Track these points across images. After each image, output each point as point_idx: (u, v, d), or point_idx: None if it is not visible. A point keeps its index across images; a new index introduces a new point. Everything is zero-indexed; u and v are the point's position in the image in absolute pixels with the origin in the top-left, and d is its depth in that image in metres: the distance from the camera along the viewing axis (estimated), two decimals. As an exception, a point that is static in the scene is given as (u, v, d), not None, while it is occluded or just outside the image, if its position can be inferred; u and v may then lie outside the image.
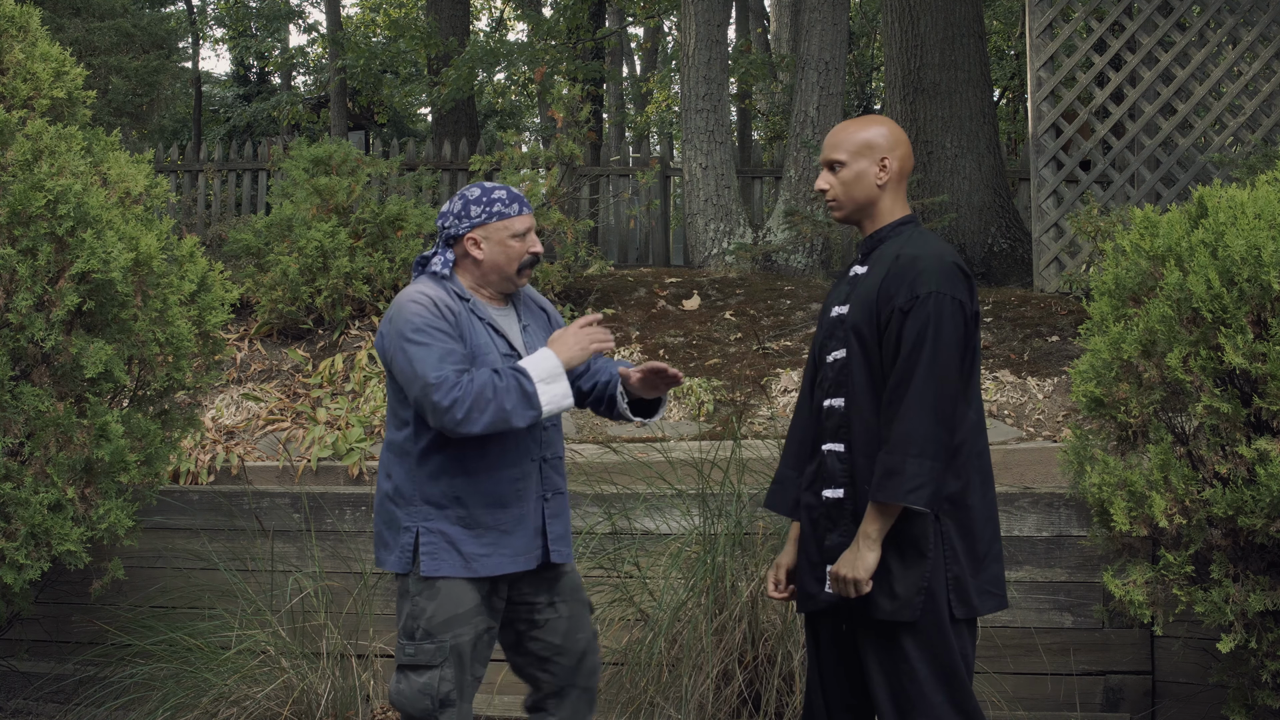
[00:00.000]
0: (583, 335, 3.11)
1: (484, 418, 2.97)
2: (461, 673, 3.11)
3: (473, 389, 2.97)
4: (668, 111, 19.48)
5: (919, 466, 2.75)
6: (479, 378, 2.99)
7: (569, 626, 3.26)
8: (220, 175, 11.45)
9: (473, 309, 3.18)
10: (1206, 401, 3.41)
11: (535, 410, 3.02)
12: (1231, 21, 7.31)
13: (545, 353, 3.08)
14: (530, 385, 3.01)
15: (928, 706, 2.81)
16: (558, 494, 3.25)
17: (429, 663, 3.08)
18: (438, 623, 3.09)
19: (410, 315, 3.08)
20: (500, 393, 2.98)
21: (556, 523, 3.24)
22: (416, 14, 18.92)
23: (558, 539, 3.23)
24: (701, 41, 8.46)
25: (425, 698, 3.07)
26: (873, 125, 3.02)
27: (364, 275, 6.75)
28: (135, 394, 4.59)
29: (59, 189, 4.00)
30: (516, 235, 3.18)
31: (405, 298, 3.13)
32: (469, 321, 3.14)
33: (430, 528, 3.11)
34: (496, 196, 3.18)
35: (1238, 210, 3.54)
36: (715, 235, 8.35)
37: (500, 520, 3.12)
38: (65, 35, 9.74)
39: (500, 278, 3.21)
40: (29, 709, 4.86)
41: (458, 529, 3.10)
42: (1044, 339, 6.34)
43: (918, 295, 2.83)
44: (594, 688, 3.31)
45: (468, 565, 3.09)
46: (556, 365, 3.05)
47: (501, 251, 3.18)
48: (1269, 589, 3.40)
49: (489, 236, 3.18)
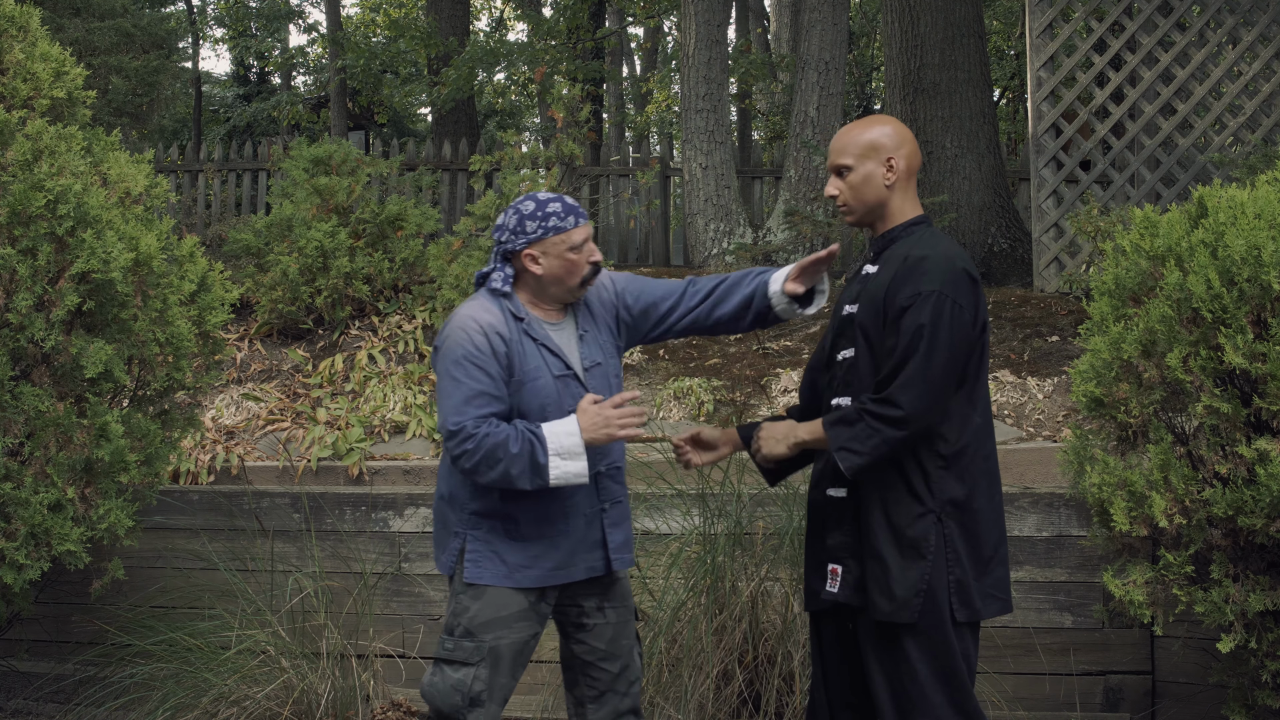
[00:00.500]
0: (612, 418, 3.02)
1: (491, 474, 2.98)
2: (496, 675, 3.11)
3: (485, 445, 2.96)
4: (668, 111, 19.48)
5: (868, 433, 2.79)
6: (496, 435, 2.96)
7: (615, 633, 3.25)
8: (220, 175, 11.45)
9: (527, 329, 3.12)
10: (1206, 401, 3.41)
11: (544, 481, 2.99)
12: (1231, 21, 7.31)
13: (572, 425, 3.01)
14: (543, 457, 2.97)
15: (928, 707, 2.81)
16: (616, 503, 3.22)
17: (465, 660, 3.09)
18: (479, 623, 3.09)
19: (454, 345, 3.05)
20: (510, 458, 2.96)
21: (617, 532, 3.21)
22: (416, 14, 18.92)
23: (619, 548, 3.21)
24: (701, 41, 8.45)
25: (457, 694, 3.08)
26: (876, 125, 3.01)
27: (364, 275, 6.75)
28: (135, 394, 4.59)
29: (59, 189, 4.00)
30: (574, 248, 3.11)
31: (456, 321, 3.09)
32: (520, 346, 3.09)
33: (477, 536, 3.11)
34: (552, 210, 3.11)
35: (1238, 210, 3.54)
36: (715, 235, 8.35)
37: (546, 533, 3.11)
38: (65, 35, 9.74)
39: (562, 290, 3.16)
40: (29, 709, 4.86)
41: (503, 540, 3.10)
42: (1044, 339, 6.34)
43: (919, 292, 2.83)
44: (636, 694, 3.30)
45: (510, 575, 3.10)
46: (578, 443, 2.99)
47: (562, 266, 3.11)
48: (1269, 589, 3.40)
49: (547, 252, 3.11)
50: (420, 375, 6.28)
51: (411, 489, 5.17)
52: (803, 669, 4.08)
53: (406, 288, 7.01)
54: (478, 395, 3.00)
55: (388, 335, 6.63)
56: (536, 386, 3.08)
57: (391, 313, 6.80)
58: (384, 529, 5.00)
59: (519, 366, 3.07)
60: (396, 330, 6.65)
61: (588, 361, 3.18)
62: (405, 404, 6.04)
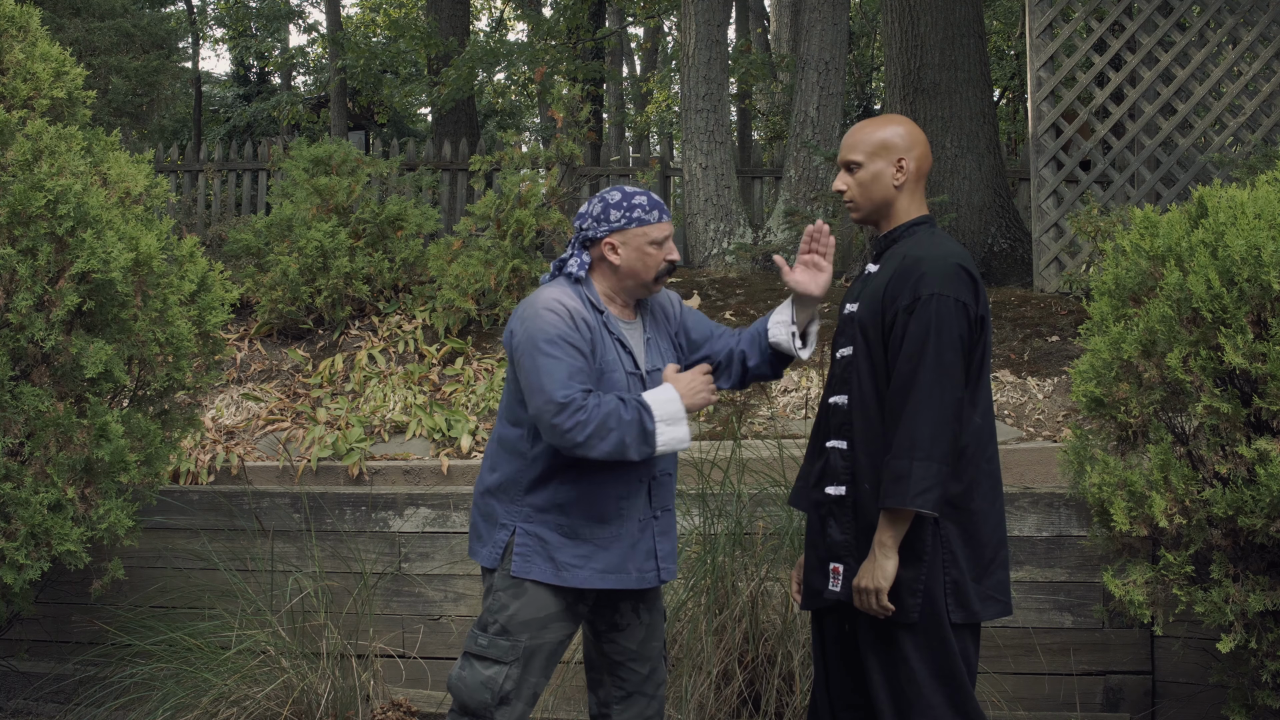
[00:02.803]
0: (705, 383, 3.06)
1: (604, 445, 2.94)
2: (527, 674, 3.08)
3: (598, 414, 2.93)
4: (668, 111, 19.49)
5: (925, 470, 2.74)
6: (605, 404, 2.95)
7: (647, 635, 3.23)
8: (220, 175, 11.45)
9: (606, 322, 3.13)
10: (1206, 401, 3.41)
11: (651, 449, 2.97)
12: (1231, 21, 7.31)
13: (670, 393, 3.01)
14: (651, 424, 2.96)
15: (926, 708, 2.81)
16: (666, 511, 3.21)
17: (499, 658, 3.06)
18: (518, 622, 3.06)
19: (545, 324, 3.02)
20: (624, 425, 2.94)
21: (665, 540, 3.20)
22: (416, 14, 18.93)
23: (667, 556, 3.19)
24: (701, 41, 8.45)
25: (486, 691, 3.05)
26: (889, 125, 3.01)
27: (364, 275, 6.75)
28: (135, 394, 4.59)
29: (59, 189, 4.00)
30: (655, 243, 3.12)
31: (541, 303, 3.06)
32: (601, 336, 3.10)
33: (528, 529, 3.08)
34: (637, 202, 3.13)
35: (1238, 210, 3.54)
36: (715, 235, 8.35)
37: (598, 535, 3.08)
38: (65, 35, 9.74)
39: (636, 284, 3.16)
40: (29, 709, 4.86)
41: (555, 535, 3.07)
42: (1044, 339, 6.34)
43: (919, 297, 2.82)
44: (662, 698, 3.28)
45: (558, 573, 3.06)
46: (680, 409, 3.00)
47: (639, 258, 3.13)
48: (1269, 589, 3.40)
49: (627, 242, 3.12)
50: (420, 375, 6.28)
51: (411, 489, 5.17)
52: (803, 669, 4.08)
53: (406, 288, 7.01)
54: (578, 371, 2.98)
55: (388, 335, 6.64)
56: (612, 379, 3.08)
57: (391, 313, 6.80)
58: (384, 529, 5.00)
59: (599, 355, 3.08)
60: (396, 330, 6.65)
61: (649, 366, 3.19)
62: (405, 404, 6.04)
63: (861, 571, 2.83)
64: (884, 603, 2.80)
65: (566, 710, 4.49)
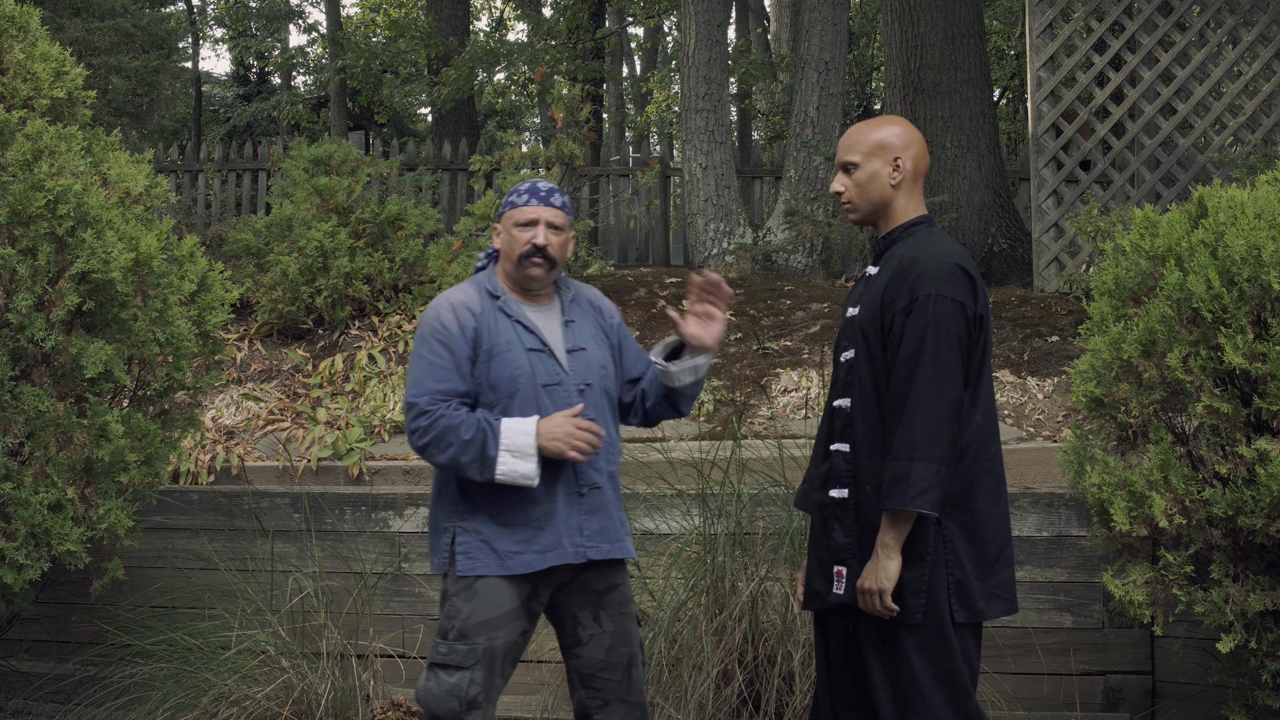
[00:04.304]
0: (572, 433, 3.04)
1: (442, 456, 3.04)
2: (491, 676, 3.10)
3: (439, 425, 3.03)
4: (668, 111, 19.49)
5: (924, 470, 2.74)
6: (454, 418, 3.03)
7: (612, 642, 3.23)
8: (220, 175, 11.45)
9: (502, 306, 3.19)
10: (1206, 401, 3.41)
11: (490, 474, 3.02)
12: (1231, 21, 7.31)
13: (529, 426, 3.04)
14: (494, 450, 3.01)
15: (927, 708, 2.81)
16: (593, 489, 3.18)
17: (460, 664, 3.07)
18: (473, 624, 3.08)
19: (424, 323, 3.17)
20: (461, 444, 3.01)
21: (593, 519, 3.18)
22: (416, 14, 18.92)
23: (595, 534, 3.17)
24: (701, 41, 8.46)
25: (453, 699, 3.06)
26: (886, 125, 3.01)
27: (364, 275, 6.75)
28: (135, 394, 4.59)
29: (59, 189, 4.00)
30: (520, 224, 3.19)
31: (434, 303, 3.21)
32: (492, 321, 3.16)
33: (466, 526, 3.12)
34: (520, 188, 3.24)
35: (1238, 210, 3.54)
36: (715, 235, 8.35)
37: (532, 517, 3.11)
38: (65, 35, 9.74)
39: (511, 267, 3.22)
40: (29, 709, 4.86)
41: (493, 527, 3.10)
42: (1044, 339, 6.34)
43: (917, 297, 2.82)
44: (642, 702, 3.28)
45: (503, 563, 3.09)
46: (531, 444, 3.02)
47: (509, 241, 3.22)
48: (1269, 589, 3.40)
49: (504, 226, 3.24)
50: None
51: (411, 489, 5.17)
52: (803, 669, 4.08)
53: (406, 288, 7.01)
54: (439, 370, 3.08)
55: (388, 335, 6.64)
56: (507, 358, 3.12)
57: (391, 313, 6.80)
58: (384, 529, 5.00)
59: (488, 338, 3.13)
60: (396, 330, 6.65)
61: (570, 345, 3.21)
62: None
63: (865, 573, 2.83)
64: (888, 604, 2.80)
65: (566, 710, 4.49)
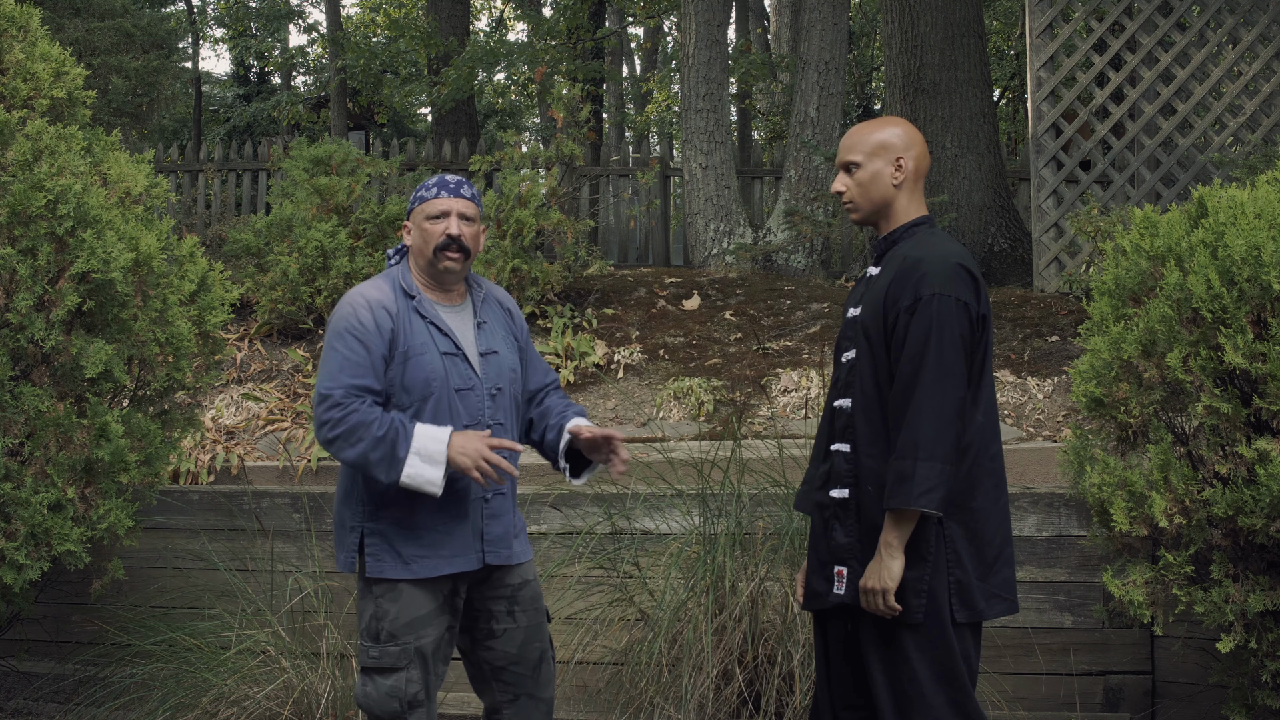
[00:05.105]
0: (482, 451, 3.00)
1: (349, 451, 2.99)
2: (426, 673, 3.10)
3: (351, 420, 2.98)
4: (668, 111, 19.49)
5: (929, 470, 2.74)
6: (367, 414, 2.98)
7: (525, 637, 3.23)
8: (220, 175, 11.45)
9: (417, 307, 3.15)
10: (1206, 401, 3.41)
11: (396, 476, 2.99)
12: (1231, 21, 7.31)
13: (443, 435, 3.01)
14: (404, 451, 2.97)
15: (927, 708, 2.81)
16: (498, 494, 3.18)
17: (394, 665, 3.06)
18: (401, 624, 3.07)
19: (338, 317, 3.10)
20: (373, 441, 2.97)
21: (495, 524, 3.17)
22: (416, 14, 18.93)
23: (495, 540, 3.16)
24: (701, 41, 8.46)
25: (394, 700, 3.06)
26: (887, 126, 3.02)
27: (364, 275, 6.75)
28: (135, 394, 4.59)
29: (59, 189, 4.00)
30: (431, 217, 3.16)
31: (347, 298, 3.14)
32: (407, 322, 3.12)
33: (372, 529, 3.10)
34: (427, 183, 3.21)
35: (1238, 210, 3.54)
36: (715, 235, 8.35)
37: (438, 520, 3.09)
38: (65, 35, 9.74)
39: (425, 262, 3.18)
40: (29, 709, 4.86)
41: (396, 530, 3.08)
42: (1044, 339, 6.35)
43: (920, 297, 2.83)
44: (550, 698, 3.28)
45: (407, 567, 3.07)
46: (442, 452, 2.99)
47: (421, 235, 3.17)
48: (1269, 589, 3.40)
49: (415, 222, 3.20)
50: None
51: (411, 489, 5.16)
52: (803, 669, 4.08)
53: (406, 288, 7.01)
54: (354, 365, 3.03)
55: (388, 335, 6.63)
56: (422, 361, 3.09)
57: (391, 313, 6.80)
58: (384, 529, 4.99)
59: (404, 340, 3.10)
60: (396, 330, 6.65)
61: (483, 348, 3.20)
62: (405, 404, 6.04)
63: (868, 572, 2.83)
64: (890, 603, 2.80)
65: (566, 710, 4.49)
